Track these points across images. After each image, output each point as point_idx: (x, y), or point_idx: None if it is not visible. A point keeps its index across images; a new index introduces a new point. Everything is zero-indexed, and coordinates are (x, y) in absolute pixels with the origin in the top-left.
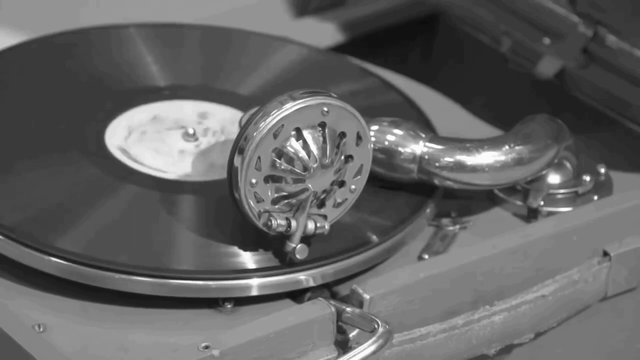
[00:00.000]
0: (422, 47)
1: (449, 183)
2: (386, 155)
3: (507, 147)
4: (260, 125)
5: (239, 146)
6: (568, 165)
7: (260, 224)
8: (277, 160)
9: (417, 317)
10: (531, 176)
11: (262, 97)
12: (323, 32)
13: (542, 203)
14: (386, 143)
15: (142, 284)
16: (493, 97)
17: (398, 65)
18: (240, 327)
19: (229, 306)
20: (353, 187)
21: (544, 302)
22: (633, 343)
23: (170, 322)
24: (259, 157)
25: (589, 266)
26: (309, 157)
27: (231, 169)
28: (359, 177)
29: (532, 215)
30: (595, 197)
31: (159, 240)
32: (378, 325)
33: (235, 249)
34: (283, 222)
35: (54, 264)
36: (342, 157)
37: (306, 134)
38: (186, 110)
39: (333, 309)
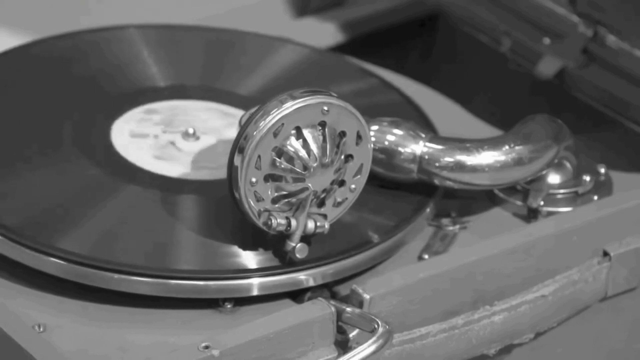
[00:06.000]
0: (422, 47)
1: (449, 183)
2: (386, 155)
3: (507, 147)
4: (260, 124)
5: (239, 145)
6: (568, 165)
7: (260, 223)
8: (277, 159)
9: (417, 317)
10: (531, 176)
11: (262, 97)
12: (323, 32)
13: (542, 203)
14: (386, 143)
15: (142, 284)
16: (493, 97)
17: (398, 65)
18: (240, 327)
19: (229, 306)
20: (353, 186)
21: (544, 302)
22: (633, 343)
23: (170, 322)
24: (259, 156)
25: (589, 266)
26: (309, 156)
27: (231, 168)
28: (359, 176)
29: (532, 215)
30: (595, 197)
31: (159, 240)
32: (378, 325)
33: (235, 248)
34: (283, 221)
35: (54, 264)
36: (342, 157)
37: (306, 133)
38: (186, 110)
39: (333, 309)
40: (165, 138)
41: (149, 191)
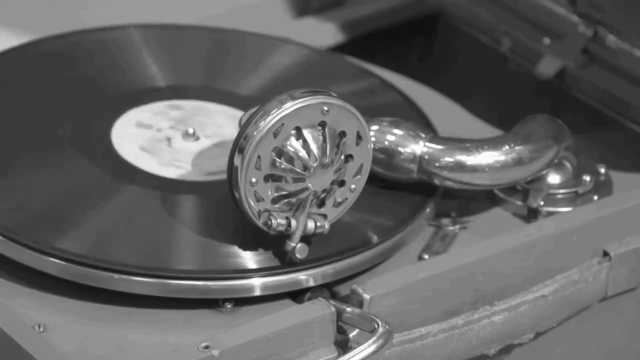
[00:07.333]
0: (422, 47)
1: (449, 183)
2: (386, 155)
3: (507, 147)
4: (260, 124)
5: (239, 145)
6: (568, 165)
7: (260, 223)
8: (277, 159)
9: (417, 317)
10: (531, 176)
11: (262, 97)
12: (323, 32)
13: (542, 203)
14: (386, 143)
15: (142, 284)
16: (493, 97)
17: (398, 65)
18: (240, 327)
19: (229, 306)
20: (353, 186)
21: (544, 302)
22: (633, 343)
23: (170, 322)
24: (259, 156)
25: (589, 266)
26: (309, 156)
27: (231, 168)
28: (359, 176)
29: (532, 215)
30: (595, 197)
31: (159, 240)
32: (378, 325)
33: (236, 249)
34: (283, 222)
35: (54, 264)
36: (342, 157)
37: (306, 133)
38: (186, 110)
39: (333, 309)
40: (165, 138)
41: (148, 191)
